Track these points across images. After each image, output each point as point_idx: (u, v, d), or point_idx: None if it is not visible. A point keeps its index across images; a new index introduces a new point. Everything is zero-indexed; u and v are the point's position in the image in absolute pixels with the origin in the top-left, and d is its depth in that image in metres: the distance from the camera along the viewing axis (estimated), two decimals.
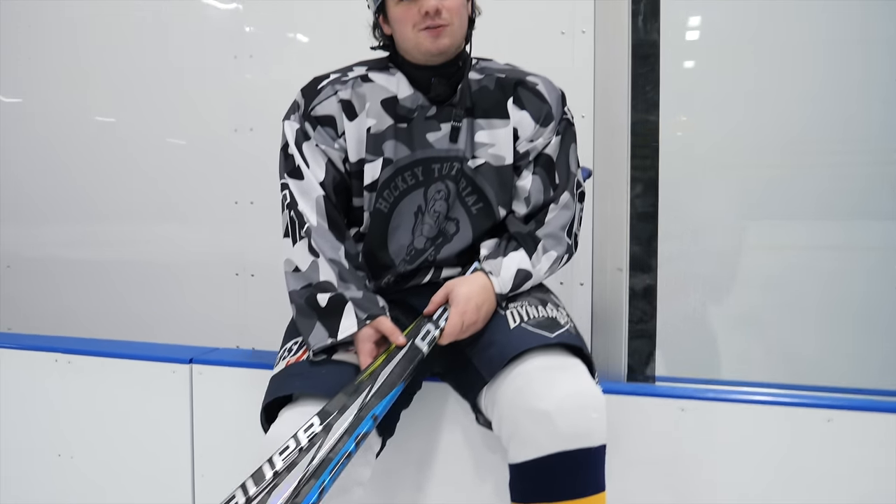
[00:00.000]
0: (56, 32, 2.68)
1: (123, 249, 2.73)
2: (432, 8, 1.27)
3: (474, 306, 1.26)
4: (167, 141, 2.59)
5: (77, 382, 1.62)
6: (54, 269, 2.85)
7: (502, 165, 1.40)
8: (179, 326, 2.52)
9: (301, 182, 1.35)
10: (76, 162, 2.67)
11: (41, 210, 2.78)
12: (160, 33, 2.55)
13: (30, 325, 2.92)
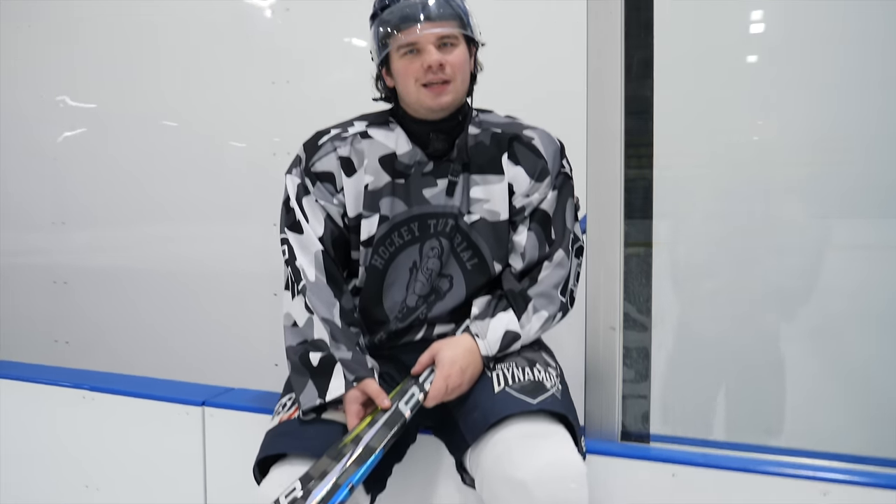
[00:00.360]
0: (126, 44, 2.86)
1: (192, 252, 2.87)
2: (435, 63, 1.29)
3: (458, 370, 1.27)
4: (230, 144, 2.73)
5: (103, 419, 1.72)
6: (119, 277, 3.02)
7: (498, 221, 1.41)
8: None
9: (301, 236, 1.39)
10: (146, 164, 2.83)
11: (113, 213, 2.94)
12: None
13: (87, 336, 3.11)
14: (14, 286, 3.25)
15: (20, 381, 1.80)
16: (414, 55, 1.31)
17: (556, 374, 1.33)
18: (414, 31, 1.30)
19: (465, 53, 1.35)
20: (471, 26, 1.35)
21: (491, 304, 1.36)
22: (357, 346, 1.33)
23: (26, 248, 3.23)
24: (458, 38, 1.33)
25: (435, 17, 1.30)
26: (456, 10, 1.33)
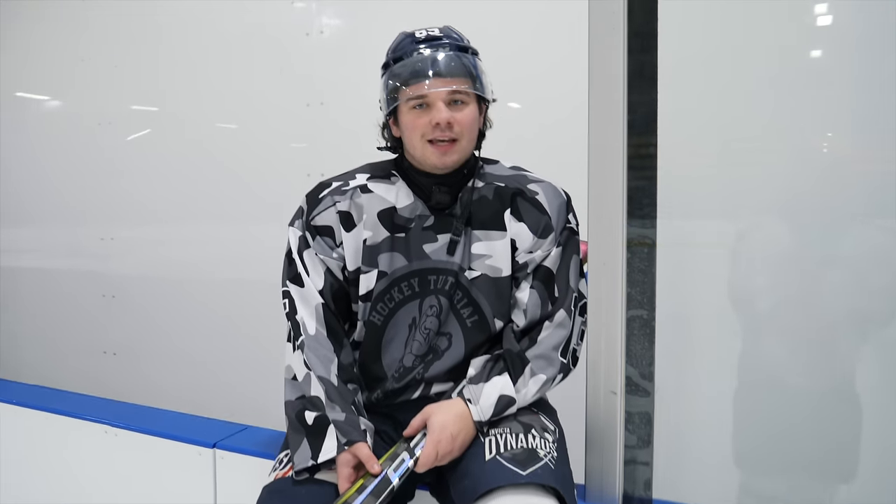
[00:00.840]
0: (186, 54, 2.94)
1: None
2: (443, 120, 1.28)
3: (449, 436, 1.25)
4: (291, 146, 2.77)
5: (121, 454, 1.78)
6: (165, 290, 3.11)
7: (499, 277, 1.38)
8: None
9: (302, 289, 1.40)
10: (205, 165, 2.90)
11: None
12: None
13: (133, 348, 3.22)
14: (66, 299, 3.39)
15: (46, 412, 1.86)
16: (423, 110, 1.30)
17: (553, 439, 1.30)
18: (423, 85, 1.28)
19: (475, 112, 1.33)
20: (482, 85, 1.32)
21: (486, 366, 1.34)
22: (353, 405, 1.33)
23: (77, 264, 3.36)
24: (468, 96, 1.31)
25: (446, 73, 1.29)
26: (468, 68, 1.31)
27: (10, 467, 1.96)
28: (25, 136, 3.44)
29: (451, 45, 1.31)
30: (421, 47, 1.30)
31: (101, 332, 3.31)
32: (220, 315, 2.97)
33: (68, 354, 3.39)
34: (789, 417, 1.72)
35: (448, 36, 1.34)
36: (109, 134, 3.16)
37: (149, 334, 3.19)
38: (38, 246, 3.57)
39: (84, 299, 3.34)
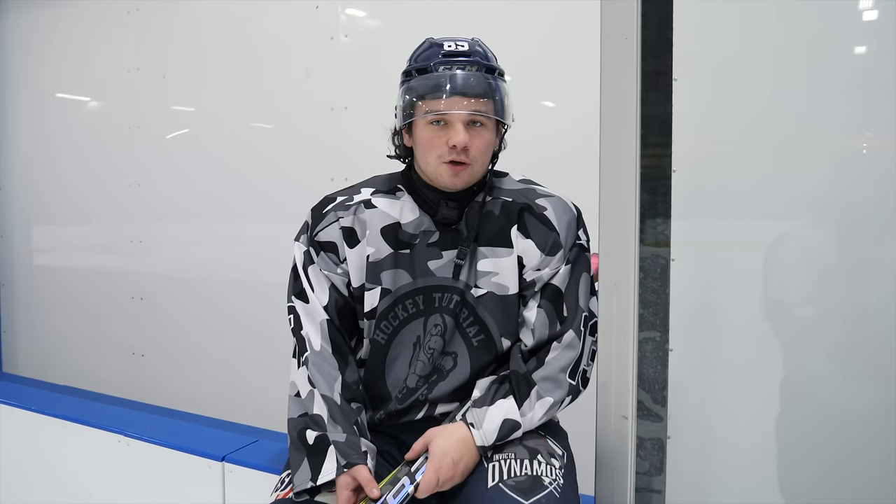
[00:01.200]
0: (221, 56, 2.94)
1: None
2: (461, 143, 1.24)
3: (450, 461, 1.21)
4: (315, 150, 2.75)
5: (132, 463, 1.78)
6: (192, 292, 3.13)
7: (506, 295, 1.34)
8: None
9: (307, 305, 1.38)
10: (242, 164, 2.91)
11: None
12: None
13: (162, 348, 3.25)
14: (97, 300, 3.44)
15: (64, 419, 1.87)
16: (440, 127, 1.27)
17: (561, 465, 1.25)
18: (450, 103, 1.24)
19: (492, 136, 1.30)
20: (504, 109, 1.28)
21: (491, 388, 1.30)
22: (355, 424, 1.30)
23: (108, 265, 3.41)
24: (488, 119, 1.27)
25: (471, 93, 1.25)
26: (492, 90, 1.27)
27: (26, 472, 1.99)
28: (63, 136, 3.50)
29: (479, 65, 1.26)
30: (448, 61, 1.26)
31: (129, 333, 3.35)
32: (246, 318, 2.98)
33: (98, 354, 3.44)
34: (834, 442, 1.64)
35: (476, 52, 1.29)
36: (139, 139, 3.20)
37: (176, 336, 3.22)
38: (71, 245, 3.63)
39: (114, 300, 3.38)
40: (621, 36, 1.21)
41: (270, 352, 2.86)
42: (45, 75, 3.56)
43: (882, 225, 1.58)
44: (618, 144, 1.23)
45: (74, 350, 3.54)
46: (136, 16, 3.18)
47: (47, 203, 3.60)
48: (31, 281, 3.71)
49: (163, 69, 3.11)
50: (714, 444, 1.74)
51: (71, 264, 3.59)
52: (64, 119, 3.49)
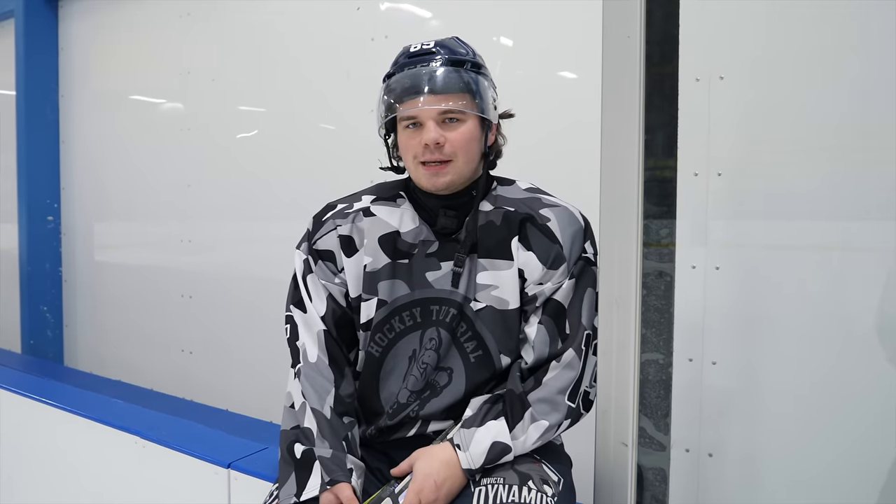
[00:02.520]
0: (266, 59, 2.98)
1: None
2: (432, 141, 1.19)
3: (433, 484, 1.15)
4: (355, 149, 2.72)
5: (146, 465, 1.80)
6: (238, 290, 3.18)
7: (506, 310, 1.27)
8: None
9: (305, 315, 1.35)
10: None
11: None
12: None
13: (208, 345, 3.31)
14: (149, 297, 3.54)
15: (86, 418, 1.91)
16: (415, 129, 1.22)
17: (554, 492, 1.17)
18: (415, 103, 1.20)
19: (473, 130, 1.23)
20: (482, 100, 1.22)
21: (483, 408, 1.23)
22: (344, 440, 1.26)
23: (159, 264, 3.50)
24: (464, 114, 1.21)
25: (439, 89, 1.19)
26: (466, 83, 1.21)
27: (46, 467, 2.04)
28: (118, 142, 3.61)
29: (445, 60, 1.21)
30: (411, 61, 1.21)
31: (179, 330, 3.43)
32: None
33: (150, 351, 3.54)
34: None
35: (444, 47, 1.23)
36: (190, 140, 3.26)
37: (222, 335, 3.27)
38: (127, 243, 3.74)
39: (165, 298, 3.46)
40: (624, 35, 1.13)
41: None
42: (107, 78, 3.70)
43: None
44: (619, 152, 1.14)
45: (130, 345, 3.66)
46: (187, 20, 3.25)
47: (107, 202, 3.73)
48: (91, 277, 3.85)
49: (211, 72, 3.16)
50: (758, 460, 1.64)
51: (126, 262, 3.71)
52: (124, 120, 3.61)
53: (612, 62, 1.15)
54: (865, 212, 1.58)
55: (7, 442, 2.21)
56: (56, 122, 3.85)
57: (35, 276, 3.83)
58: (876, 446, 1.50)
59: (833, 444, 1.56)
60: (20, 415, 2.13)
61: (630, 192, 1.15)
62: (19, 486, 2.16)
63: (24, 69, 3.75)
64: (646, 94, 1.12)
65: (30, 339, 3.83)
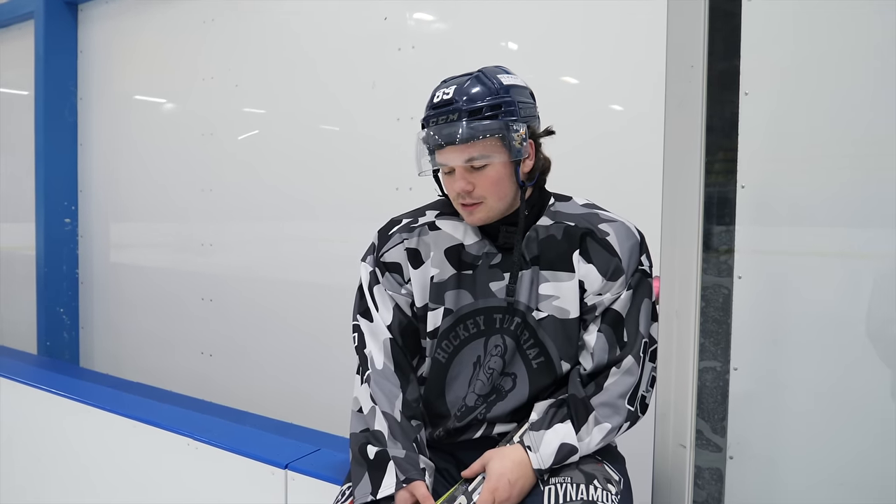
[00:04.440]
0: (292, 66, 3.03)
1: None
2: (461, 189, 1.30)
3: (507, 483, 1.23)
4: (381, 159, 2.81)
5: (199, 466, 1.85)
6: (259, 293, 3.23)
7: (567, 319, 1.35)
8: None
9: (371, 324, 1.41)
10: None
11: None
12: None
13: (229, 349, 3.36)
14: (169, 299, 3.58)
15: (136, 420, 1.97)
16: (450, 175, 1.32)
17: (617, 490, 1.25)
18: (442, 154, 1.30)
19: (500, 169, 1.30)
20: (505, 139, 1.27)
21: (549, 411, 1.31)
22: (414, 442, 1.33)
23: (180, 266, 3.54)
24: (488, 157, 1.28)
25: (459, 142, 1.27)
26: (485, 130, 1.26)
27: (97, 470, 2.09)
28: (142, 141, 3.66)
29: (462, 112, 1.27)
30: (433, 115, 1.30)
31: (199, 333, 3.47)
32: (312, 320, 3.05)
33: (169, 353, 3.58)
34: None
35: (464, 96, 1.28)
36: (210, 145, 3.31)
37: (242, 338, 3.31)
38: (146, 246, 3.78)
39: (185, 301, 3.51)
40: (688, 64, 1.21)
41: (333, 357, 2.94)
42: (126, 82, 3.73)
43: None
44: (681, 172, 1.23)
45: (147, 348, 3.69)
46: (212, 25, 3.30)
47: (125, 204, 3.76)
48: (108, 279, 3.89)
49: (235, 78, 3.21)
50: (780, 465, 1.71)
51: (145, 264, 3.75)
52: (142, 124, 3.65)
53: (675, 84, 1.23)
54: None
55: (58, 446, 2.25)
56: (74, 124, 3.88)
57: (52, 278, 3.86)
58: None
59: (851, 447, 1.64)
60: (72, 419, 2.18)
61: (691, 213, 1.23)
62: (73, 490, 2.20)
63: (43, 71, 3.77)
64: (707, 119, 1.20)
65: (46, 341, 3.86)
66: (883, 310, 1.61)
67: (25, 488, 2.37)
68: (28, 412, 2.36)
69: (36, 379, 2.36)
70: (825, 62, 1.67)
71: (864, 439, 1.60)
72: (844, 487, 1.62)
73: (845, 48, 1.68)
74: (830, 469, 1.63)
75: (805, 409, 1.69)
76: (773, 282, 1.78)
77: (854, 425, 1.61)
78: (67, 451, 2.21)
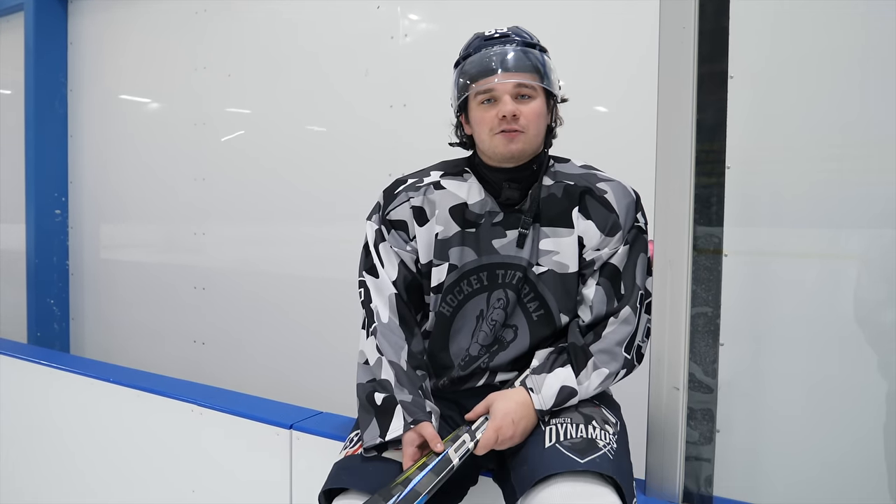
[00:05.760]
0: (275, 58, 3.10)
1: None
2: (509, 112, 1.33)
3: (510, 422, 1.29)
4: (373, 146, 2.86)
5: (205, 431, 1.90)
6: (251, 283, 3.27)
7: (566, 273, 1.41)
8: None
9: (376, 280, 1.47)
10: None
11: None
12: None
13: (220, 337, 3.39)
14: (161, 290, 3.61)
15: (139, 389, 2.01)
16: (490, 105, 1.36)
17: (614, 431, 1.32)
18: (492, 80, 1.34)
19: (542, 106, 1.37)
20: (549, 80, 1.37)
21: (550, 357, 1.37)
22: (420, 389, 1.39)
23: (171, 257, 3.57)
24: (535, 90, 1.35)
25: (513, 68, 1.34)
26: (535, 63, 1.36)
27: (102, 439, 2.13)
28: (127, 137, 3.68)
29: (518, 42, 1.36)
30: (488, 44, 1.36)
31: (191, 321, 3.50)
32: (301, 309, 3.10)
33: (161, 342, 3.60)
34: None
35: (516, 33, 1.39)
36: (203, 135, 3.35)
37: (235, 325, 3.35)
38: (136, 241, 3.81)
39: (177, 291, 3.53)
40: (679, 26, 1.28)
41: (323, 341, 2.99)
42: (116, 74, 3.77)
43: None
44: (674, 130, 1.30)
45: (138, 336, 3.71)
46: (203, 16, 3.34)
47: (115, 196, 3.79)
48: (98, 270, 3.90)
49: (227, 68, 3.26)
50: (763, 438, 1.78)
51: (137, 254, 3.77)
52: (133, 115, 3.69)
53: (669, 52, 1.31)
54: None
55: (62, 418, 2.29)
56: (65, 116, 3.91)
57: (42, 269, 3.88)
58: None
59: (834, 441, 1.73)
60: (69, 392, 2.21)
61: (683, 168, 1.31)
62: (81, 460, 2.23)
63: (33, 63, 3.80)
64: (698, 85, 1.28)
65: (36, 332, 3.87)
66: (870, 294, 1.70)
67: (38, 461, 2.41)
68: (29, 387, 2.39)
69: (36, 356, 2.39)
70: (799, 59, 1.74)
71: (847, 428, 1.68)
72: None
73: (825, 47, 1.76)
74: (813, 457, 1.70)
75: (790, 394, 1.77)
76: (757, 258, 1.86)
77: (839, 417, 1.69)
78: (74, 423, 2.25)
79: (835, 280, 1.77)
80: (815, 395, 1.77)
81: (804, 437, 1.78)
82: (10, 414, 2.51)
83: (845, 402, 1.70)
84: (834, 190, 1.76)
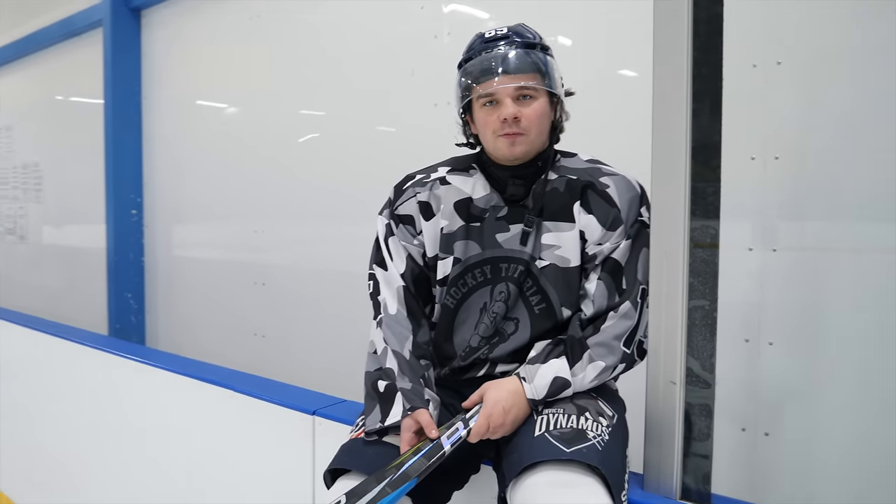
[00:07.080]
0: (327, 59, 3.19)
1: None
2: (510, 115, 1.36)
3: (501, 410, 1.31)
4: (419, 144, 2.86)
5: (236, 414, 2.00)
6: (309, 278, 3.38)
7: (568, 267, 1.42)
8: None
9: (385, 273, 1.52)
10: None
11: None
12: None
13: (279, 331, 3.52)
14: (224, 286, 3.78)
15: (186, 376, 2.14)
16: (492, 107, 1.38)
17: (609, 424, 1.31)
18: (492, 83, 1.36)
19: (544, 106, 1.39)
20: (551, 79, 1.38)
21: (546, 349, 1.38)
22: (422, 378, 1.43)
23: (234, 254, 3.74)
24: (536, 91, 1.37)
25: (513, 69, 1.36)
26: (535, 64, 1.37)
27: (151, 421, 2.28)
28: (199, 137, 3.89)
29: (518, 43, 1.37)
30: (489, 45, 1.38)
31: (252, 316, 3.65)
32: (350, 304, 3.16)
33: (224, 335, 3.77)
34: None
35: (516, 34, 1.40)
36: (267, 138, 3.48)
37: (293, 319, 3.47)
38: (205, 234, 4.00)
39: (239, 286, 3.69)
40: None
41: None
42: (185, 81, 3.98)
43: None
44: (669, 116, 1.29)
45: (205, 330, 3.91)
46: (258, 22, 3.48)
47: (186, 196, 4.00)
48: (170, 266, 4.13)
49: (281, 76, 3.38)
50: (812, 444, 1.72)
51: (202, 252, 3.97)
52: (201, 122, 3.87)
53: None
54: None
55: (107, 400, 2.47)
56: (139, 122, 4.15)
57: (120, 266, 4.14)
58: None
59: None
60: (114, 374, 2.39)
61: (678, 156, 1.29)
62: (122, 441, 2.41)
63: (111, 73, 4.06)
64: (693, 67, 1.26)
65: (116, 324, 4.13)
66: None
67: (91, 439, 2.61)
68: (98, 374, 2.59)
69: (106, 345, 2.61)
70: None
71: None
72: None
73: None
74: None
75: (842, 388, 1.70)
76: (807, 253, 1.80)
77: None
78: (127, 404, 2.42)
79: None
80: (868, 396, 1.70)
81: (857, 441, 1.72)
82: (90, 402, 2.72)
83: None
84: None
